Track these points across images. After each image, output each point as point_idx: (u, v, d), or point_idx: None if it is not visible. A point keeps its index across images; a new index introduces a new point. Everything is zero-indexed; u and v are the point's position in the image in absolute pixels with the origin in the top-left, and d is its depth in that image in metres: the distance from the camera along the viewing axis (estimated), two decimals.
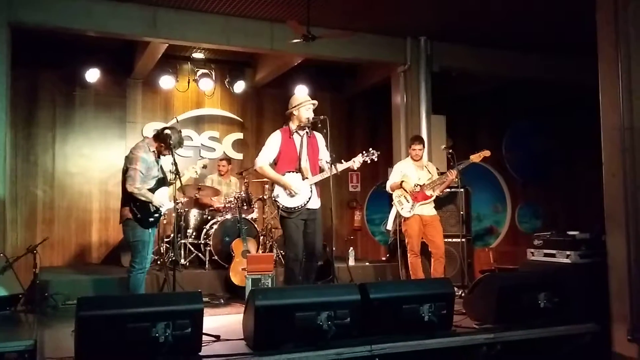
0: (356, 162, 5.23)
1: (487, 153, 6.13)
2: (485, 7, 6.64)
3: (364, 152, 5.30)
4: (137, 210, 4.87)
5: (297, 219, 5.00)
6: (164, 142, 4.95)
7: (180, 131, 5.13)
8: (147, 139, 5.10)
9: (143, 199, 4.84)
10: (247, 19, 6.90)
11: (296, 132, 5.14)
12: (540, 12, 6.64)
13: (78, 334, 3.21)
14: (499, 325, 4.21)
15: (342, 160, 5.17)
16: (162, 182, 5.08)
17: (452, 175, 6.03)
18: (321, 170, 5.17)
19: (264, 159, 5.11)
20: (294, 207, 4.97)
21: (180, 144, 5.02)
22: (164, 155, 5.06)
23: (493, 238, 9.61)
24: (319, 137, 5.24)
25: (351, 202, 9.67)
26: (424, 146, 6.37)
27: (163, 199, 4.98)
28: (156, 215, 4.96)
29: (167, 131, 4.96)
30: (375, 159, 5.33)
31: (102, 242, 8.18)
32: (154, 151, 5.00)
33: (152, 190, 4.93)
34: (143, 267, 4.94)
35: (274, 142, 5.13)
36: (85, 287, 6.05)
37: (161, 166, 5.13)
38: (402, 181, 6.16)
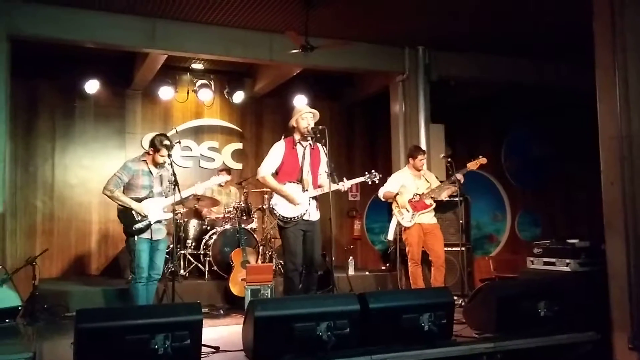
0: (357, 181, 5.33)
1: (483, 160, 6.17)
2: (483, 16, 6.66)
3: (367, 172, 5.38)
4: (119, 217, 5.01)
5: (296, 230, 4.99)
6: (152, 147, 5.04)
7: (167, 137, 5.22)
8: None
9: (118, 202, 4.97)
10: (246, 30, 6.93)
11: (299, 142, 5.15)
12: (538, 19, 6.66)
13: (77, 346, 3.20)
14: (499, 334, 4.20)
15: (344, 179, 5.19)
16: (160, 193, 5.11)
17: (454, 187, 6.06)
18: (320, 185, 5.17)
19: (267, 169, 5.12)
20: (291, 217, 4.98)
21: (167, 144, 4.99)
22: (161, 163, 5.06)
23: (493, 246, 9.60)
24: (322, 150, 5.23)
25: (351, 211, 9.65)
26: None
27: (149, 208, 4.99)
28: (141, 223, 4.96)
29: (152, 137, 5.14)
30: (377, 182, 5.42)
31: (101, 253, 8.17)
32: (144, 160, 5.08)
33: (141, 200, 5.00)
34: (140, 277, 4.96)
35: (277, 152, 5.13)
36: (84, 298, 6.04)
37: (161, 176, 5.15)
38: (397, 194, 6.16)
